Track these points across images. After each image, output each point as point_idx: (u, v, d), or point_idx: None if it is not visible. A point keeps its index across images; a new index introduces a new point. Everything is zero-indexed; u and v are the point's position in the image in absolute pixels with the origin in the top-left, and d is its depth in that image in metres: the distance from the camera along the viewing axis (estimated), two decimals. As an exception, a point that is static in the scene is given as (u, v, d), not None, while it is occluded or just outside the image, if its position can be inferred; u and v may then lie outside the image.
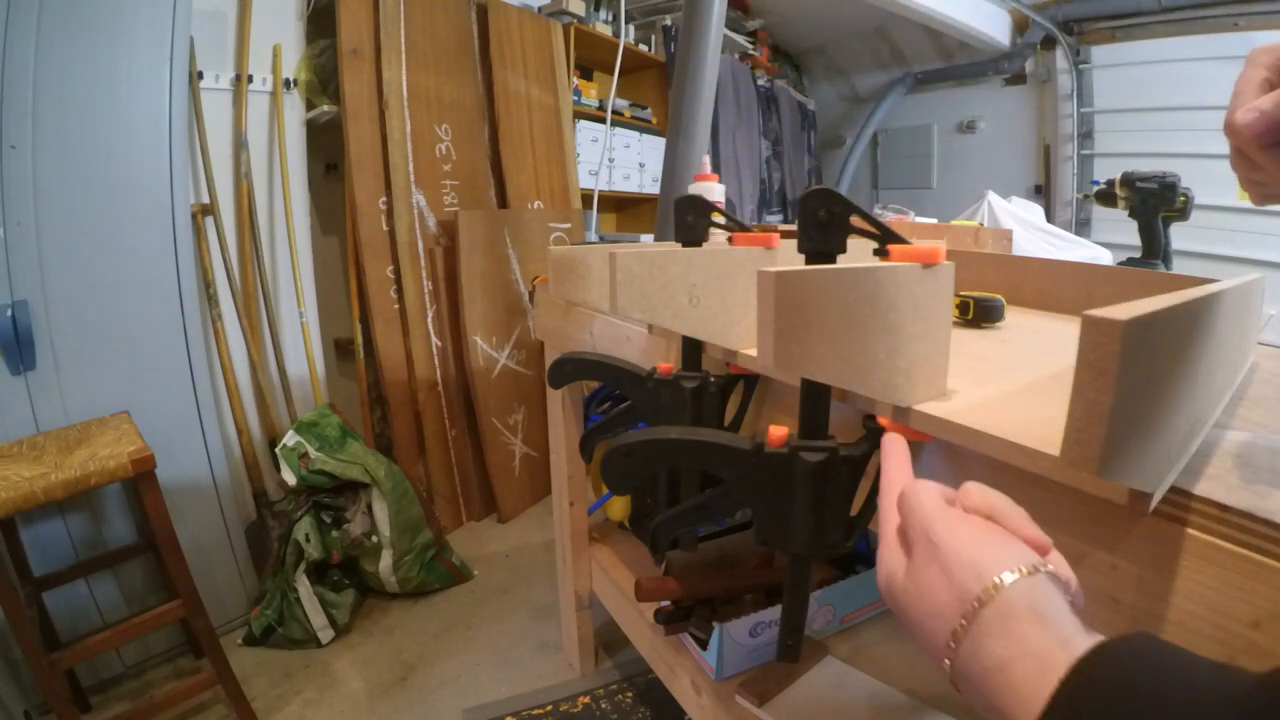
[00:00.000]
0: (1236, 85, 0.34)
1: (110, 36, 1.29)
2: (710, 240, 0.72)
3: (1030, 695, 0.25)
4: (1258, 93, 0.33)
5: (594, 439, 0.78)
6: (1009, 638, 0.27)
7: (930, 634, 0.31)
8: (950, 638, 0.29)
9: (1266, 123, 0.31)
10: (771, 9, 3.74)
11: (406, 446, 1.92)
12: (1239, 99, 0.33)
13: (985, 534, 0.31)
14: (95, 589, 1.31)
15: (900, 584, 0.33)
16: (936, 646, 0.30)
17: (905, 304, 0.43)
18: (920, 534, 0.33)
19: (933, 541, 0.32)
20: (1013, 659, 0.26)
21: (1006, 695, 0.26)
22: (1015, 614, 0.27)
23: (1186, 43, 2.89)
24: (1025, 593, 0.28)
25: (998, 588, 0.28)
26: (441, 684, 1.37)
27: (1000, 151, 3.75)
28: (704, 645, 0.91)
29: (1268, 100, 0.31)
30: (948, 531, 0.32)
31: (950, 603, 0.29)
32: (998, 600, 0.28)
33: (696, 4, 1.54)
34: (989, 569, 0.29)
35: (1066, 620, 0.27)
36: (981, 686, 0.27)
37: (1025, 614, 0.27)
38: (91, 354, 1.29)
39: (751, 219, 3.49)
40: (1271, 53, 0.34)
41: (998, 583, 0.28)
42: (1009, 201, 2.10)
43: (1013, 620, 0.27)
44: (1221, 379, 0.44)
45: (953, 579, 0.30)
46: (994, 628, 0.27)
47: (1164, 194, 1.12)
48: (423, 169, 1.90)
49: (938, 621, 0.30)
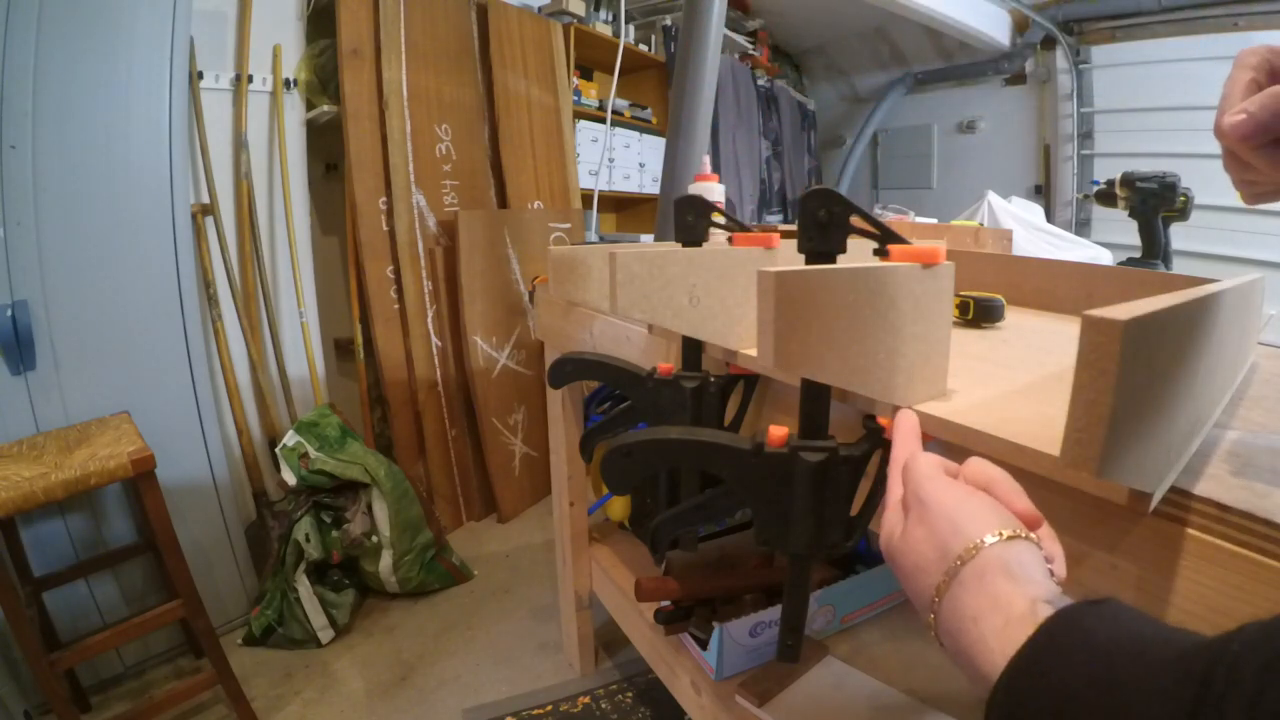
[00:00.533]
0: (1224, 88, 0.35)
1: (110, 36, 1.29)
2: (710, 240, 0.72)
3: (998, 648, 0.26)
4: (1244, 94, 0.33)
5: (594, 439, 0.78)
6: (982, 593, 0.28)
7: (918, 589, 0.33)
8: (934, 593, 0.31)
9: (1253, 125, 0.31)
10: (771, 9, 3.74)
11: (406, 446, 1.92)
12: (1227, 101, 0.34)
13: (973, 500, 0.33)
14: (95, 589, 1.31)
15: (896, 543, 0.35)
16: (923, 601, 0.32)
17: (905, 304, 0.43)
18: (914, 496, 0.35)
19: (923, 501, 0.34)
20: (983, 611, 0.28)
21: (978, 647, 0.28)
22: (990, 570, 0.29)
23: (1186, 43, 2.89)
24: (1001, 551, 0.29)
25: (978, 548, 0.30)
26: (441, 684, 1.37)
27: (1000, 151, 3.75)
28: (704, 645, 0.91)
29: (1253, 103, 0.32)
30: (938, 494, 0.34)
31: (935, 560, 0.31)
32: (977, 559, 0.29)
33: (696, 4, 1.54)
34: (972, 531, 0.31)
35: (1039, 581, 0.28)
36: (958, 640, 0.29)
37: (999, 571, 0.29)
38: (91, 354, 1.29)
39: (751, 219, 3.49)
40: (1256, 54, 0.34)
41: (978, 543, 0.30)
42: (1009, 201, 2.10)
43: (987, 576, 0.29)
44: (1221, 379, 0.44)
45: (938, 538, 0.32)
46: (970, 584, 0.29)
47: (1164, 194, 1.12)
48: (423, 169, 1.90)
49: (924, 577, 0.32)
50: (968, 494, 0.34)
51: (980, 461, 0.37)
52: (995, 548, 0.29)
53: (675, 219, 0.71)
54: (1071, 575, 0.38)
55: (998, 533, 0.30)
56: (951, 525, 0.32)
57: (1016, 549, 0.30)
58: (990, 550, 0.29)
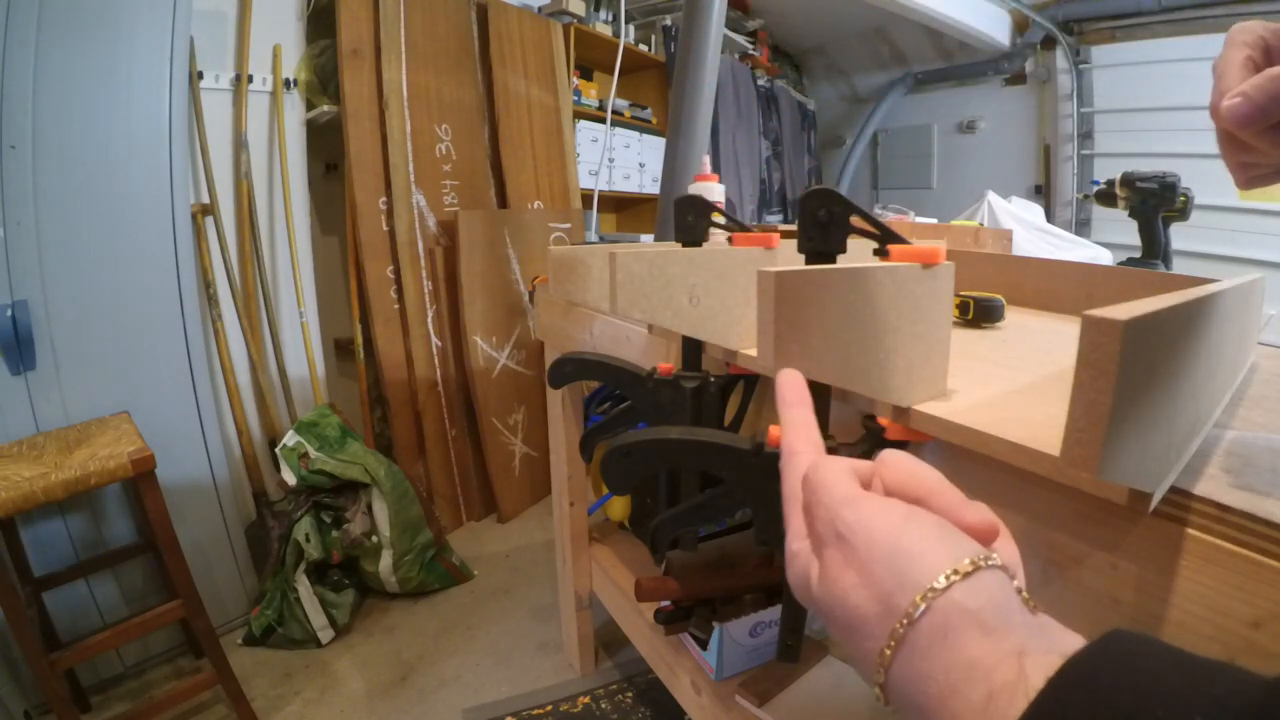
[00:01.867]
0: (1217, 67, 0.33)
1: (110, 36, 1.29)
2: (710, 240, 0.72)
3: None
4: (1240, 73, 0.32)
5: (594, 439, 0.78)
6: (949, 660, 0.21)
7: (857, 651, 0.25)
8: (879, 659, 0.23)
9: (1250, 108, 0.30)
10: (771, 9, 3.74)
11: (406, 446, 1.92)
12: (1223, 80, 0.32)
13: (912, 525, 0.25)
14: (95, 589, 1.31)
15: (816, 593, 0.26)
16: (866, 665, 0.24)
17: (905, 304, 0.43)
18: (829, 526, 0.26)
19: (843, 536, 0.25)
20: (955, 685, 0.21)
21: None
22: (954, 627, 0.22)
23: (1186, 43, 2.89)
24: (964, 597, 0.22)
25: (928, 597, 0.22)
26: (441, 684, 1.37)
27: (1000, 151, 3.75)
28: (704, 645, 0.91)
29: (1251, 86, 0.31)
30: (864, 523, 0.25)
31: (876, 617, 0.23)
32: (932, 613, 0.22)
33: (696, 4, 1.54)
34: (919, 573, 0.23)
35: (1017, 624, 0.22)
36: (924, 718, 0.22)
37: (968, 626, 0.21)
38: (91, 354, 1.29)
39: (751, 219, 3.49)
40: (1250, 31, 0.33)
41: (929, 590, 0.22)
42: (1009, 201, 2.10)
43: (952, 635, 0.22)
44: (1221, 379, 0.44)
45: (873, 588, 0.24)
46: (930, 649, 0.22)
47: (1164, 194, 1.12)
48: (423, 169, 1.90)
49: (863, 638, 0.24)
50: (902, 517, 0.25)
51: (899, 457, 0.29)
52: (955, 592, 0.22)
53: (675, 219, 0.71)
54: (1071, 575, 0.38)
55: (951, 569, 0.22)
56: (890, 568, 0.24)
57: (982, 586, 0.22)
58: (949, 598, 0.22)
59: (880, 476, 0.28)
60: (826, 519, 0.27)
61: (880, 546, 0.24)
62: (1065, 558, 0.38)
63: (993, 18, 3.32)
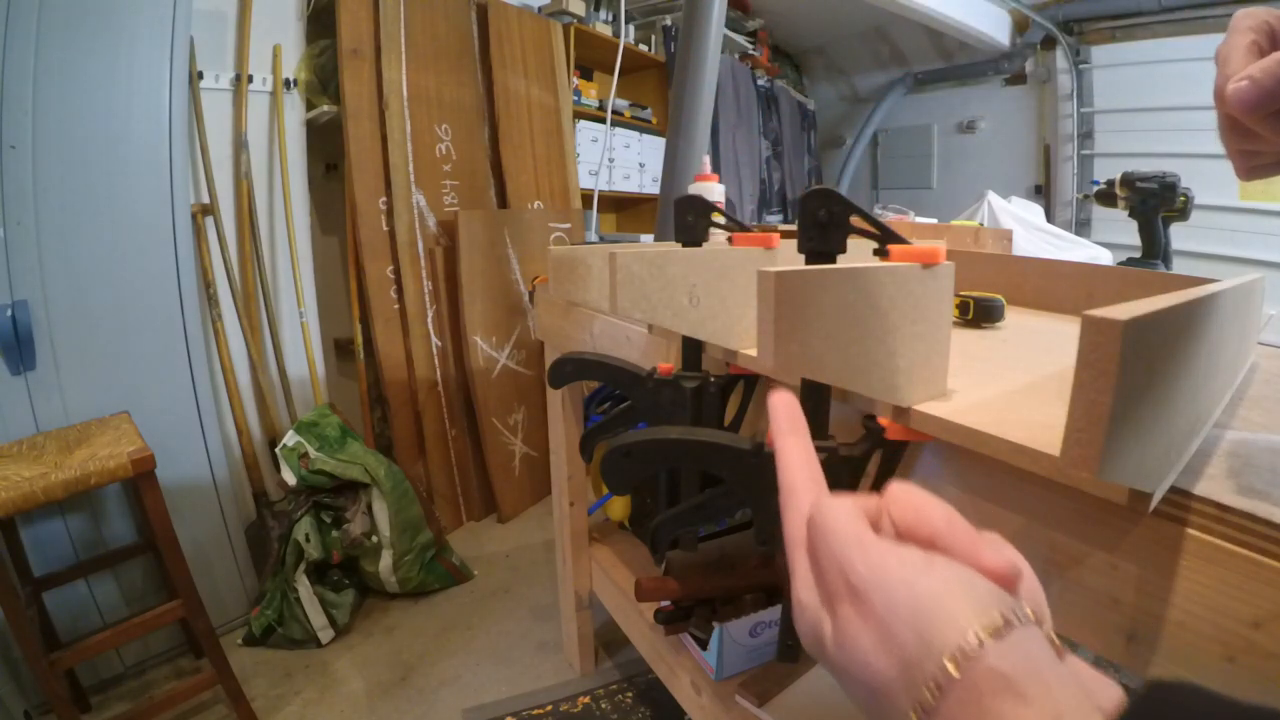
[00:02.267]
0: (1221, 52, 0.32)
1: (110, 36, 1.28)
2: (710, 240, 0.72)
3: None
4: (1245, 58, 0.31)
5: (594, 439, 0.78)
6: None
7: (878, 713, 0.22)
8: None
9: (1258, 92, 0.29)
10: (771, 9, 3.74)
11: (406, 446, 1.92)
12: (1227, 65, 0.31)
13: (931, 574, 0.23)
14: (95, 589, 1.31)
15: (830, 652, 0.24)
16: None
17: (905, 304, 0.43)
18: (840, 576, 0.24)
19: (855, 589, 0.23)
20: None
21: None
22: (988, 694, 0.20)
23: (1186, 43, 2.89)
24: (997, 661, 0.20)
25: (960, 661, 0.20)
26: (441, 684, 1.37)
27: (1000, 151, 3.75)
28: (704, 645, 0.91)
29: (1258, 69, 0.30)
30: (878, 573, 0.23)
31: (897, 679, 0.21)
32: (964, 680, 0.20)
33: (696, 4, 1.54)
34: (944, 632, 0.21)
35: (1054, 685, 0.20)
36: None
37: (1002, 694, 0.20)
38: (91, 354, 1.29)
39: (751, 219, 3.49)
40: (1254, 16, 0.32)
41: (959, 652, 0.20)
42: (1009, 201, 2.10)
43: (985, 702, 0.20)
44: (1221, 379, 0.44)
45: (896, 651, 0.22)
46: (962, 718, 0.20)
47: (1164, 194, 1.12)
48: (423, 169, 1.90)
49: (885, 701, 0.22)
50: (920, 567, 0.23)
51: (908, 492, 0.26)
52: (987, 656, 0.20)
53: (675, 219, 0.71)
54: (1071, 575, 0.38)
55: (982, 626, 0.20)
56: (911, 626, 0.21)
57: (1015, 646, 0.20)
58: (981, 663, 0.20)
59: (889, 514, 0.26)
60: (837, 569, 0.24)
61: (900, 604, 0.22)
62: (1065, 558, 0.38)
63: (993, 18, 3.32)
